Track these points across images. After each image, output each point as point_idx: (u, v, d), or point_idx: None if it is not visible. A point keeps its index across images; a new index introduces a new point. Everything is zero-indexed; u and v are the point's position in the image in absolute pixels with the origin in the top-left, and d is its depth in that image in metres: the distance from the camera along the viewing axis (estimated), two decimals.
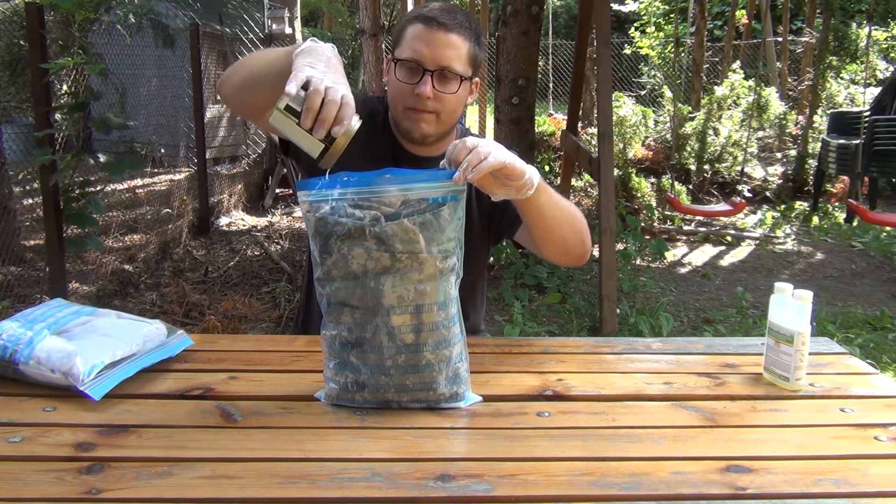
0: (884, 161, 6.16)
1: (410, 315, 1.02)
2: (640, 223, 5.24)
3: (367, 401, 1.06)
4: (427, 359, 1.03)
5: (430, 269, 1.01)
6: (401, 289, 1.01)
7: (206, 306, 3.95)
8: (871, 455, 0.97)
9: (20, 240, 4.49)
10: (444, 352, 1.04)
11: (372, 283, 1.01)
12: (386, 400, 1.06)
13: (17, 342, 1.09)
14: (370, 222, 0.99)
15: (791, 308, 1.15)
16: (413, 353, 1.03)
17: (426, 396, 1.06)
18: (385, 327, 1.02)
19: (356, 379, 1.05)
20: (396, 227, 0.99)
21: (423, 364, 1.04)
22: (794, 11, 11.95)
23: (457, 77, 1.30)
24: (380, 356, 1.03)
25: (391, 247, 1.00)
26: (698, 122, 7.48)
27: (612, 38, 4.89)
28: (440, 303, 1.03)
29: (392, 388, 1.05)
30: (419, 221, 1.00)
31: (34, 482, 0.85)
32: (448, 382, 1.05)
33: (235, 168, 7.40)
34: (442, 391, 1.05)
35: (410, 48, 1.29)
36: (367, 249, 1.00)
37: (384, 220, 0.99)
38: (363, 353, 1.04)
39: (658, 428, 1.03)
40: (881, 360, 3.49)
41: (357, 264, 1.01)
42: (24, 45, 4.47)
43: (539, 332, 3.83)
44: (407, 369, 1.03)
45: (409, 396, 1.05)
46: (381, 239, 0.99)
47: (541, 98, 10.57)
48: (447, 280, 1.04)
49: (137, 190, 6.28)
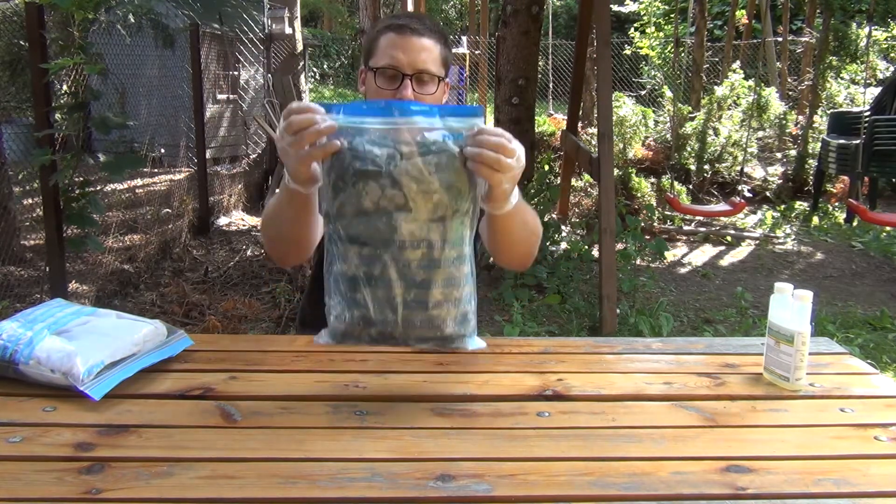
0: (884, 161, 6.16)
1: (422, 252, 1.00)
2: (640, 223, 5.24)
3: (374, 338, 1.04)
4: (436, 297, 1.02)
5: (444, 208, 1.00)
6: (413, 226, 1.00)
7: (206, 306, 3.95)
8: (871, 455, 0.97)
9: (20, 240, 4.49)
10: (454, 292, 1.03)
11: (384, 219, 1.00)
12: (393, 337, 1.04)
13: (17, 342, 1.09)
14: (387, 160, 0.98)
15: (791, 308, 1.15)
16: (422, 290, 1.01)
17: (433, 335, 1.04)
18: (395, 263, 1.00)
19: (364, 315, 1.03)
20: (412, 166, 0.98)
21: (431, 302, 1.02)
22: (794, 11, 11.96)
23: (434, 78, 1.35)
24: (388, 292, 1.01)
25: (406, 186, 0.98)
26: (698, 122, 7.49)
27: (612, 38, 4.89)
28: (452, 241, 1.02)
29: (399, 326, 1.03)
30: (434, 162, 0.98)
31: (34, 482, 0.85)
32: (455, 324, 1.04)
33: (235, 168, 7.41)
34: (449, 332, 1.04)
35: (387, 56, 1.33)
36: (381, 186, 0.98)
37: (400, 158, 0.98)
38: (372, 289, 1.02)
39: (658, 428, 1.03)
40: (881, 360, 3.49)
41: (370, 201, 0.99)
42: (24, 45, 4.47)
43: (539, 332, 3.83)
44: (415, 306, 1.02)
45: (416, 334, 1.04)
46: (396, 178, 0.98)
47: (541, 98, 10.57)
48: (461, 221, 1.03)
49: (137, 190, 6.28)
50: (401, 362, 1.24)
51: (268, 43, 8.48)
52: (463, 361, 1.26)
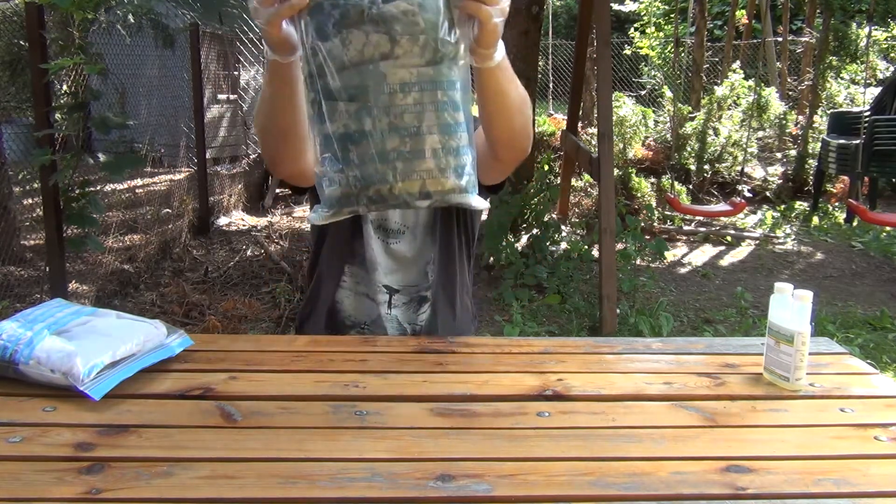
0: (884, 161, 6.16)
1: (413, 96, 0.95)
2: (640, 223, 5.25)
3: (372, 199, 0.98)
4: (432, 145, 0.97)
5: (432, 52, 0.95)
6: (402, 72, 0.95)
7: (206, 306, 3.95)
8: (871, 455, 0.97)
9: (20, 240, 4.49)
10: (451, 140, 0.98)
11: (370, 67, 0.95)
12: (393, 195, 0.98)
13: (17, 342, 1.09)
14: (368, 3, 0.93)
15: (791, 308, 1.15)
16: (418, 139, 0.96)
17: (434, 188, 0.98)
18: (386, 115, 0.95)
19: (360, 174, 0.97)
20: (394, 7, 0.93)
21: (428, 151, 0.97)
22: (794, 11, 11.96)
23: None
24: (382, 145, 0.96)
25: (391, 28, 0.93)
26: (698, 122, 7.49)
27: (612, 38, 4.90)
28: (444, 84, 0.97)
29: (398, 182, 0.97)
30: (418, 2, 0.94)
31: (34, 482, 0.85)
32: (455, 175, 0.99)
33: (235, 168, 7.40)
34: (450, 185, 0.99)
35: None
36: (364, 32, 0.93)
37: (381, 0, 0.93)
38: (364, 145, 0.96)
39: (658, 428, 1.03)
40: (881, 360, 3.49)
41: (354, 50, 0.94)
42: (24, 45, 4.47)
43: (539, 332, 3.83)
44: (412, 156, 0.96)
45: (415, 189, 0.98)
46: (380, 20, 0.93)
47: (541, 98, 10.57)
48: (449, 65, 0.97)
49: (137, 190, 6.28)
50: (401, 362, 1.24)
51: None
52: (463, 361, 1.26)
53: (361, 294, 1.46)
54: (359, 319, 1.46)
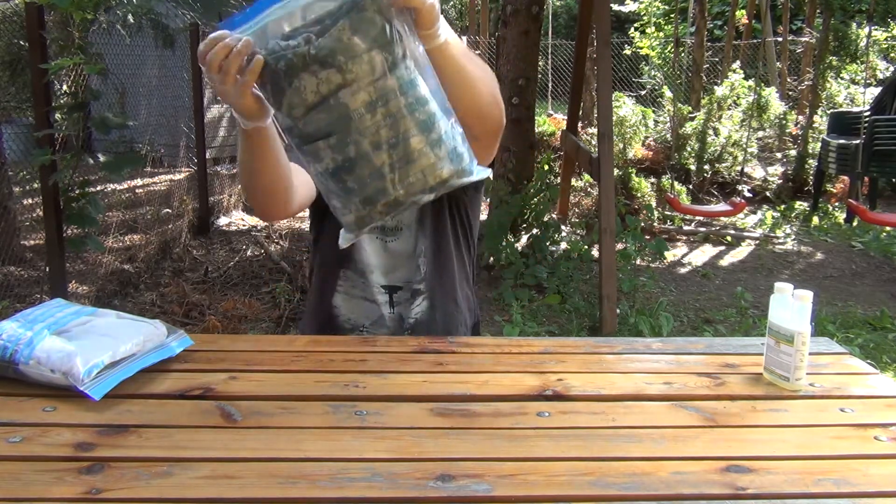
0: (884, 161, 6.16)
1: (381, 112, 0.98)
2: (640, 223, 5.25)
3: (383, 212, 1.02)
4: (417, 146, 0.99)
5: (380, 64, 0.97)
6: (361, 94, 0.97)
7: (206, 306, 3.95)
8: (871, 455, 0.97)
9: (20, 240, 4.49)
10: (431, 135, 1.00)
11: (332, 101, 0.98)
12: (399, 203, 1.01)
13: (17, 342, 1.09)
14: (304, 46, 0.96)
15: (791, 308, 1.15)
16: (401, 146, 0.99)
17: (434, 182, 1.01)
18: (363, 136, 0.98)
19: (363, 197, 1.01)
20: (329, 39, 0.96)
21: (416, 152, 0.99)
22: (794, 11, 11.96)
23: None
24: (372, 165, 0.99)
25: (334, 60, 0.96)
26: (698, 122, 7.49)
27: (612, 38, 4.90)
28: (404, 88, 0.99)
29: (399, 190, 1.00)
30: (347, 25, 0.96)
31: (34, 482, 0.85)
32: (449, 162, 1.01)
33: (235, 168, 7.40)
34: (447, 172, 1.01)
35: None
36: (313, 73, 0.96)
37: (315, 37, 0.96)
38: (356, 171, 1.00)
39: (658, 428, 1.03)
40: (881, 360, 3.49)
41: (311, 93, 0.97)
42: (24, 46, 4.47)
43: (539, 332, 3.83)
44: (403, 164, 0.99)
45: (418, 189, 1.01)
46: (322, 58, 0.96)
47: (541, 98, 10.57)
48: (403, 67, 0.99)
49: (137, 190, 6.29)
50: (401, 362, 1.24)
51: None
52: (463, 361, 1.26)
53: (358, 297, 1.46)
54: (358, 322, 1.47)
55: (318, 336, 1.44)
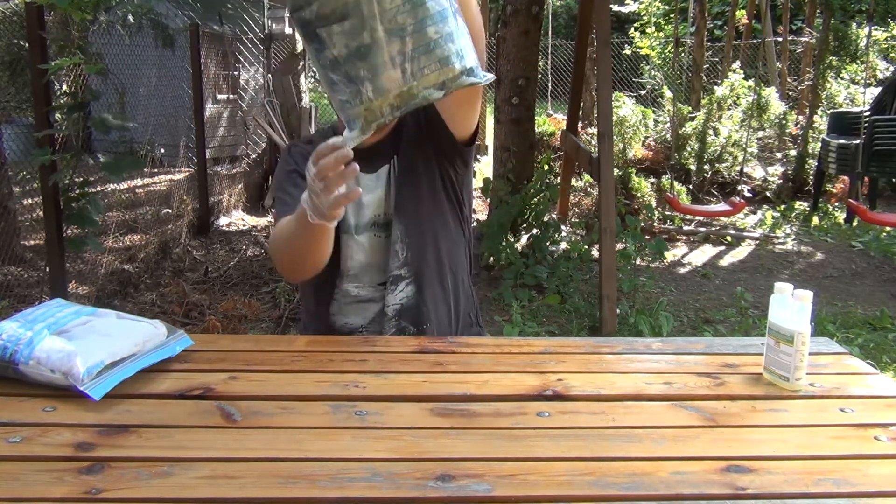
0: (884, 161, 6.16)
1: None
2: (640, 223, 5.24)
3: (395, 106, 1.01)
4: (433, 36, 0.99)
5: None
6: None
7: (206, 306, 3.95)
8: (871, 455, 0.97)
9: (20, 240, 4.49)
10: (444, 27, 1.00)
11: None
12: (412, 95, 1.01)
13: (17, 342, 1.09)
14: None
15: (791, 308, 1.15)
16: (416, 35, 0.98)
17: (445, 78, 1.01)
18: (380, 22, 0.97)
19: (375, 86, 1.00)
20: None
21: (432, 42, 0.99)
22: (794, 11, 11.95)
23: None
24: (384, 53, 0.98)
25: None
26: (698, 122, 7.48)
27: (612, 38, 4.89)
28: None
29: (413, 79, 1.00)
30: None
31: (34, 482, 0.85)
32: (458, 59, 1.01)
33: (235, 168, 7.40)
34: (458, 69, 1.01)
35: None
36: None
37: None
38: (370, 58, 0.99)
39: (658, 428, 1.03)
40: (881, 360, 3.49)
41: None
42: (24, 46, 4.47)
43: (539, 332, 3.83)
44: (418, 53, 0.99)
45: (431, 82, 1.00)
46: None
47: (541, 98, 10.57)
48: None
49: (137, 190, 6.29)
50: (401, 362, 1.24)
51: (268, 43, 8.47)
52: (463, 361, 1.26)
53: (352, 302, 1.46)
54: (356, 325, 1.47)
55: (318, 336, 1.44)
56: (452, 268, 1.49)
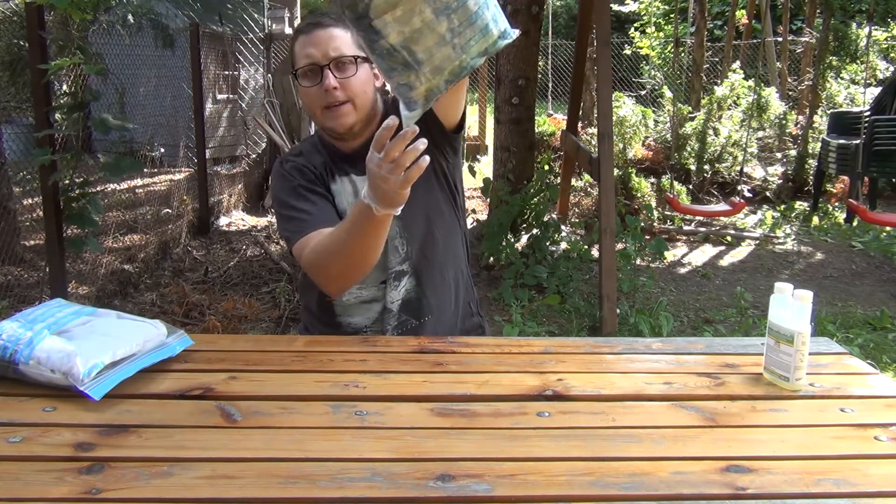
0: (884, 161, 6.16)
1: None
2: (639, 223, 5.24)
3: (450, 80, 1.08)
4: (472, 8, 1.04)
5: None
6: None
7: (206, 306, 3.95)
8: (871, 455, 0.97)
9: (20, 240, 4.49)
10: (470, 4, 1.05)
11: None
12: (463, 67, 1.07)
13: (17, 342, 1.09)
14: None
15: (791, 308, 1.15)
16: (459, 10, 1.04)
17: (486, 45, 1.07)
18: (428, 5, 1.02)
19: (432, 66, 1.06)
20: None
21: (473, 14, 1.04)
22: (794, 11, 11.95)
23: (351, 60, 1.37)
24: (436, 34, 1.04)
25: None
26: (698, 122, 7.48)
27: (612, 38, 4.89)
28: None
29: (462, 53, 1.06)
30: None
31: (34, 482, 0.85)
32: (494, 24, 1.07)
33: (235, 168, 7.40)
34: (494, 32, 1.07)
35: (302, 56, 1.38)
36: None
37: None
38: (423, 41, 1.04)
39: (658, 428, 1.03)
40: (881, 360, 3.49)
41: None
42: (24, 46, 4.46)
43: (539, 332, 3.83)
44: (465, 27, 1.04)
45: (476, 51, 1.06)
46: None
47: (540, 98, 10.56)
48: None
49: (137, 190, 6.28)
50: (400, 362, 1.24)
51: (268, 43, 8.48)
52: (463, 361, 1.26)
53: (354, 303, 1.46)
54: (360, 325, 1.47)
55: (318, 336, 1.45)
56: (451, 258, 1.50)
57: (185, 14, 6.77)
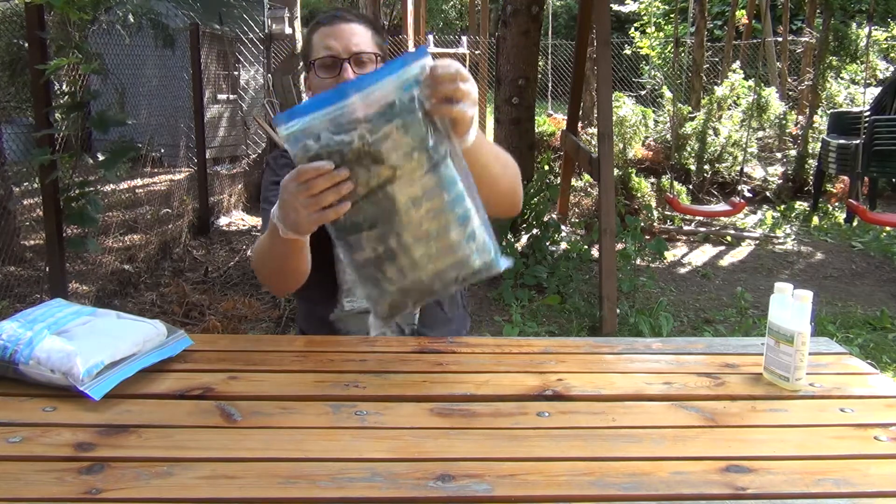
0: (884, 161, 6.16)
1: (425, 207, 1.03)
2: (639, 223, 5.24)
3: (417, 301, 1.09)
4: (454, 240, 1.05)
5: (427, 162, 1.02)
6: (409, 189, 1.02)
7: (206, 306, 3.94)
8: (871, 455, 0.97)
9: (20, 240, 4.49)
10: (467, 228, 1.06)
11: (380, 194, 1.02)
12: (432, 292, 1.08)
13: (17, 342, 1.09)
14: (359, 142, 0.99)
15: (791, 308, 1.15)
16: (440, 240, 1.04)
17: (465, 274, 1.08)
18: (406, 229, 1.03)
19: (400, 287, 1.07)
20: (383, 136, 0.99)
21: (454, 245, 1.05)
22: (794, 11, 11.96)
23: (371, 57, 1.36)
24: (411, 258, 1.04)
25: (387, 155, 1.00)
26: (698, 122, 7.48)
27: (612, 38, 4.89)
28: (446, 184, 1.03)
29: (436, 281, 1.06)
30: (400, 123, 0.99)
31: (34, 482, 0.85)
32: (479, 255, 1.07)
33: (235, 168, 7.41)
34: (478, 265, 1.07)
35: (322, 47, 1.36)
36: (365, 167, 1.00)
37: (368, 135, 0.99)
38: (396, 261, 1.05)
39: (658, 428, 1.03)
40: (881, 360, 3.49)
41: (362, 186, 1.01)
42: (24, 45, 4.46)
43: (539, 332, 3.83)
44: (440, 255, 1.05)
45: (449, 280, 1.07)
46: (375, 153, 0.99)
47: (541, 98, 10.57)
48: (446, 164, 1.04)
49: (137, 190, 6.28)
50: (401, 362, 1.24)
51: (268, 43, 8.48)
52: (463, 361, 1.26)
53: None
54: (360, 334, 1.47)
55: (318, 336, 1.44)
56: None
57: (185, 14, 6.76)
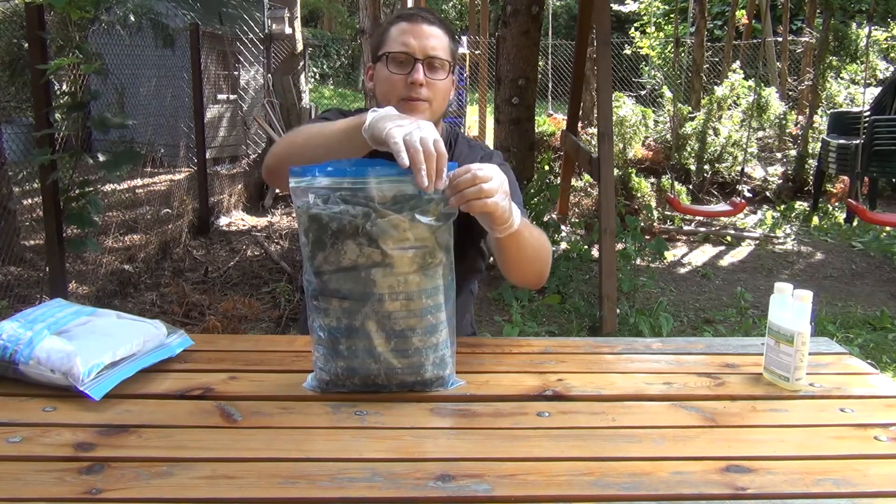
0: (884, 161, 6.16)
1: (400, 303, 1.04)
2: (639, 223, 5.24)
3: (357, 386, 1.09)
4: (415, 345, 1.06)
5: (419, 262, 1.03)
6: (391, 279, 1.03)
7: (206, 306, 3.94)
8: (871, 455, 0.97)
9: (20, 240, 4.49)
10: (432, 338, 1.07)
11: (363, 274, 1.03)
12: (376, 384, 1.09)
13: (17, 342, 1.09)
14: (362, 219, 1.00)
15: (791, 308, 1.15)
16: (402, 339, 1.06)
17: (413, 380, 1.09)
18: (375, 315, 1.04)
19: (347, 365, 1.07)
20: (387, 223, 1.00)
21: (411, 350, 1.06)
22: (794, 11, 11.96)
23: (444, 64, 1.36)
24: (369, 343, 1.06)
25: (383, 243, 1.01)
26: (698, 122, 7.49)
27: (612, 38, 4.89)
28: (429, 291, 1.05)
29: (382, 374, 1.08)
30: (409, 217, 1.01)
31: (34, 482, 0.85)
32: (434, 367, 1.09)
33: (235, 168, 7.41)
34: (429, 376, 1.09)
35: (399, 42, 1.35)
36: (358, 245, 1.02)
37: (374, 216, 1.00)
38: (353, 340, 1.06)
39: (658, 428, 1.03)
40: (881, 360, 3.49)
41: (348, 260, 1.03)
42: (24, 46, 4.46)
43: (539, 332, 3.83)
44: (396, 355, 1.06)
45: (397, 380, 1.09)
46: (373, 235, 1.01)
47: (540, 98, 10.57)
48: (435, 272, 1.05)
49: (137, 190, 6.28)
50: None
51: (268, 43, 8.48)
52: (463, 361, 1.26)
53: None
54: None
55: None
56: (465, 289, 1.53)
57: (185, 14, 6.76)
